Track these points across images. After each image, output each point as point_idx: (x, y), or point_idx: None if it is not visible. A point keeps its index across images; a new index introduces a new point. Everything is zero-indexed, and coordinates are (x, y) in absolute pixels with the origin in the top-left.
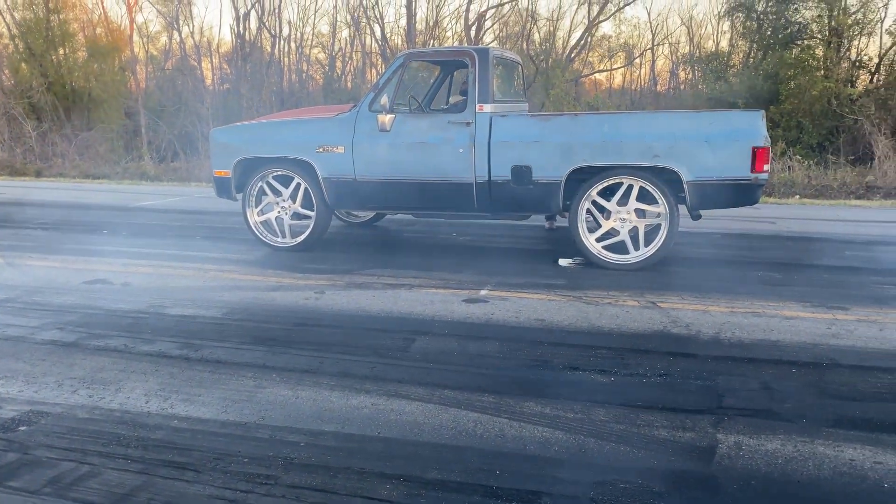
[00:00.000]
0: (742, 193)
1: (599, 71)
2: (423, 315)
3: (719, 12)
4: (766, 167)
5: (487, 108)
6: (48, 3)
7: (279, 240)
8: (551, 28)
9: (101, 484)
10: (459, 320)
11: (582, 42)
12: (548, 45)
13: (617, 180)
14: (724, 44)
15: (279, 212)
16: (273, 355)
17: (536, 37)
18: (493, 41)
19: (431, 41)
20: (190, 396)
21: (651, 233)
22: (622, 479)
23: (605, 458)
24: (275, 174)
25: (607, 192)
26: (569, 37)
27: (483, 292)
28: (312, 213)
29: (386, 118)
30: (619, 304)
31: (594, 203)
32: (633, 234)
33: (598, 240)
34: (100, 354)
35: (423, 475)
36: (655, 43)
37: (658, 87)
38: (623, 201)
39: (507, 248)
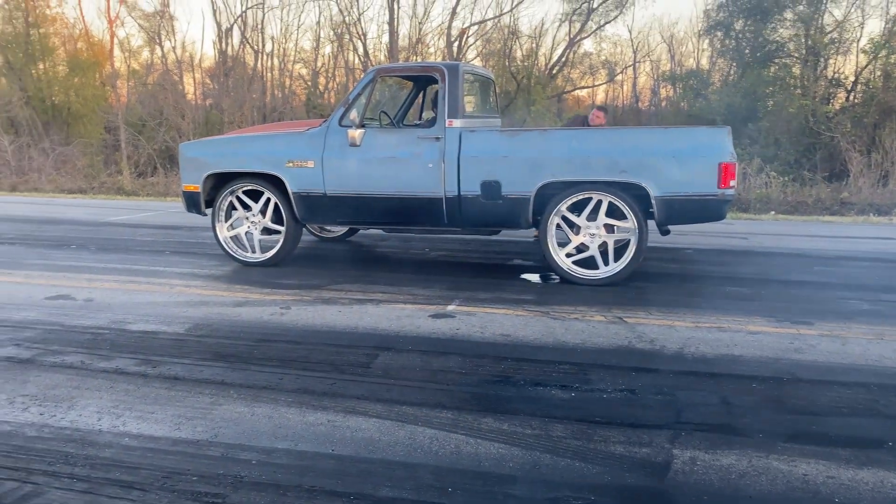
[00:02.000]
0: (709, 209)
1: (581, 87)
2: (388, 330)
3: (699, 31)
4: (732, 183)
5: (457, 123)
6: (28, 18)
7: (249, 255)
8: (533, 45)
9: (43, 501)
10: (424, 336)
11: (563, 59)
12: (529, 61)
13: (586, 195)
14: (704, 61)
15: (249, 227)
16: (232, 371)
17: (518, 53)
18: (475, 58)
19: (414, 57)
20: (143, 414)
21: (621, 248)
22: (575, 496)
23: (560, 474)
24: (244, 189)
25: (577, 208)
26: (551, 53)
27: (450, 307)
28: (282, 228)
29: (356, 133)
30: (585, 319)
31: (564, 218)
32: (603, 249)
33: (568, 255)
34: (55, 371)
35: (375, 493)
36: (637, 60)
37: (640, 103)
38: (592, 217)
39: (479, 264)
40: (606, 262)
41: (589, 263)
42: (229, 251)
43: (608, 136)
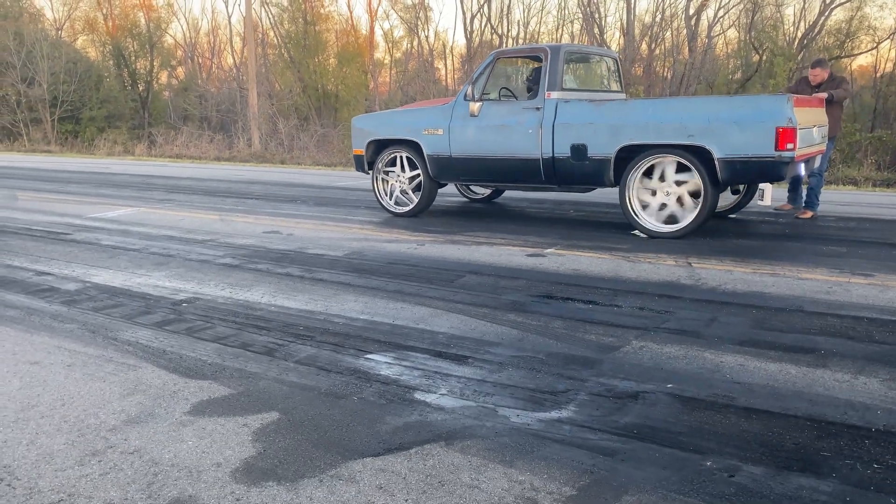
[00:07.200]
0: (768, 169)
1: (837, 57)
2: (485, 263)
3: None
4: (789, 146)
5: (555, 95)
6: (306, 17)
7: (397, 207)
8: (780, 15)
9: (213, 331)
10: (510, 267)
11: (817, 28)
12: (775, 33)
13: (660, 157)
14: None
15: (397, 184)
16: (359, 279)
17: (764, 25)
18: (729, 28)
19: (661, 33)
20: (289, 296)
21: (692, 204)
22: (533, 356)
23: (534, 345)
24: (393, 153)
25: (652, 168)
26: (799, 23)
27: (548, 251)
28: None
29: (475, 106)
30: (657, 262)
31: (640, 177)
32: (675, 205)
33: (647, 211)
34: (248, 272)
35: (403, 343)
36: None
37: None
38: (666, 176)
39: (608, 223)
40: (679, 218)
41: (664, 218)
42: (382, 203)
43: (679, 104)
